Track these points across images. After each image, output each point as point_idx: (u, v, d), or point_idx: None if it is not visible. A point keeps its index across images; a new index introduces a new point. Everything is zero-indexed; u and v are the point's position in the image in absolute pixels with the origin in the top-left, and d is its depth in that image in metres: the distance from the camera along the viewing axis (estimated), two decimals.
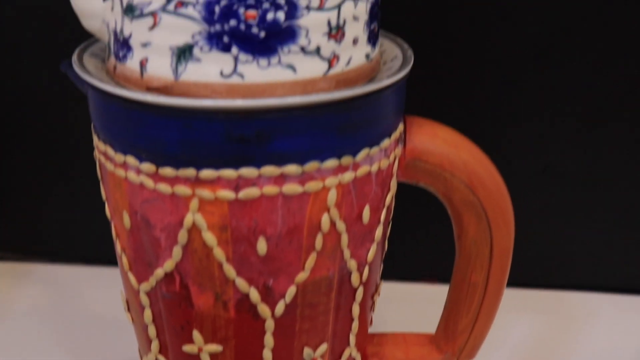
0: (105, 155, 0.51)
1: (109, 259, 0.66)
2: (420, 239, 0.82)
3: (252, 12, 0.46)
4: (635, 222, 0.83)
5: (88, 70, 0.50)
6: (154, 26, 0.47)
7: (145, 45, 0.48)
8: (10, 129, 0.85)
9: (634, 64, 0.77)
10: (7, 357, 0.74)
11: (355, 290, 0.53)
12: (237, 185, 0.48)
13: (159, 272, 0.51)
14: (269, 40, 0.46)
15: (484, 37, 0.79)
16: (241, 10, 0.46)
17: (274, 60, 0.47)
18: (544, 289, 0.85)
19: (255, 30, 0.46)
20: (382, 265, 0.57)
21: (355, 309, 0.54)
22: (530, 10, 0.77)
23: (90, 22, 0.51)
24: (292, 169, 0.48)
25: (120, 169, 0.50)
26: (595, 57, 0.77)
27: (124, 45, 0.49)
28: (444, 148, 0.54)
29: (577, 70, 0.78)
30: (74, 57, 0.52)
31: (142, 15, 0.47)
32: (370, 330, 0.59)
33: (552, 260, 0.85)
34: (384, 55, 0.55)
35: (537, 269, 0.84)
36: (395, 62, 0.53)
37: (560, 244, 0.84)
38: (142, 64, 0.48)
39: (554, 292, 0.84)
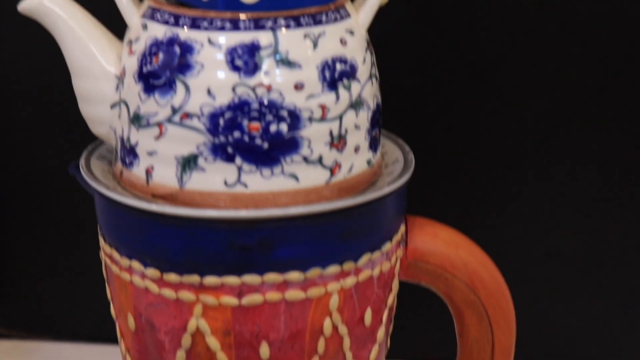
0: (111, 258, 0.51)
1: (112, 337, 0.66)
2: (422, 323, 0.82)
3: (255, 125, 0.46)
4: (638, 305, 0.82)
5: (95, 175, 0.51)
6: (159, 136, 0.48)
7: (151, 154, 0.48)
8: (15, 207, 0.85)
9: (632, 150, 0.77)
10: None
11: None
12: (240, 291, 0.48)
13: None
14: (272, 151, 0.47)
15: (482, 128, 0.79)
16: (245, 123, 0.46)
17: (277, 170, 0.47)
18: None
19: (258, 141, 0.47)
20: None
21: None
22: (527, 98, 0.77)
23: (98, 128, 0.52)
24: (294, 275, 0.48)
25: (125, 273, 0.50)
26: (594, 143, 0.77)
27: (130, 152, 0.49)
28: (444, 249, 0.54)
29: (577, 157, 0.78)
30: (82, 161, 0.53)
31: (148, 125, 0.48)
32: None
33: (555, 342, 0.84)
34: (385, 157, 0.55)
35: (540, 350, 0.84)
36: (396, 165, 0.54)
37: (564, 326, 0.83)
38: (148, 172, 0.49)
39: None
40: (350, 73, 0.49)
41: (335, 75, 0.48)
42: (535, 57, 0.75)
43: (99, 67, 0.51)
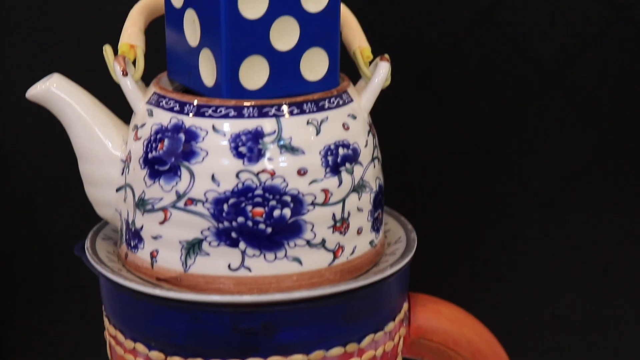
0: (115, 339, 0.51)
1: None
2: None
3: (259, 210, 0.47)
4: None
5: (100, 257, 0.51)
6: (164, 221, 0.48)
7: (155, 238, 0.49)
8: (20, 284, 0.85)
9: (633, 217, 0.78)
10: None
11: None
12: None
13: None
14: (275, 236, 0.47)
15: (484, 200, 0.79)
16: (249, 208, 0.47)
17: (281, 254, 0.48)
18: None
19: (262, 226, 0.47)
20: None
21: None
22: (529, 166, 0.78)
23: (103, 210, 0.52)
24: (297, 358, 0.48)
25: (129, 355, 0.50)
26: (596, 212, 0.78)
27: (135, 235, 0.50)
28: (447, 326, 0.54)
29: (580, 223, 0.78)
30: (87, 242, 0.53)
31: (153, 209, 0.48)
32: None
33: None
34: (388, 235, 0.55)
35: None
36: (399, 244, 0.54)
37: None
38: (153, 255, 0.49)
39: None
40: (353, 157, 0.49)
41: (338, 160, 0.48)
42: (535, 125, 0.76)
43: (105, 152, 0.51)
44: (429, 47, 0.75)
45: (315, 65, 0.50)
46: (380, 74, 0.52)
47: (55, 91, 0.52)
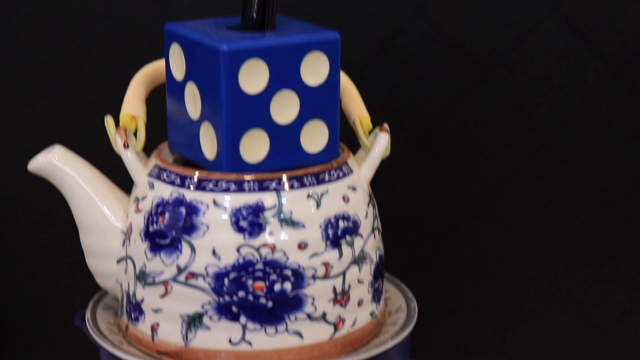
0: None
1: None
2: None
3: (260, 284, 0.47)
4: None
5: (100, 328, 0.51)
6: (165, 294, 0.48)
7: (156, 311, 0.49)
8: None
9: (632, 274, 0.78)
10: None
11: None
12: None
13: None
14: (276, 310, 0.47)
15: (484, 262, 0.79)
16: (249, 282, 0.47)
17: (281, 328, 0.48)
18: None
19: (262, 300, 0.47)
20: None
21: None
22: (528, 226, 0.78)
23: (104, 281, 0.53)
24: None
25: None
26: (593, 271, 0.78)
27: (136, 308, 0.50)
28: None
29: (578, 281, 0.79)
30: (88, 313, 0.53)
31: (154, 283, 0.48)
32: None
33: None
34: (389, 303, 0.55)
35: None
36: (399, 314, 0.54)
37: None
38: (154, 328, 0.49)
39: None
40: (353, 229, 0.49)
41: (339, 232, 0.49)
42: (533, 184, 0.76)
43: (106, 224, 0.52)
44: (428, 107, 0.75)
45: (315, 137, 0.50)
46: (380, 144, 0.52)
47: (57, 163, 0.52)
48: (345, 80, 0.55)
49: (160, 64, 0.54)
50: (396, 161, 0.72)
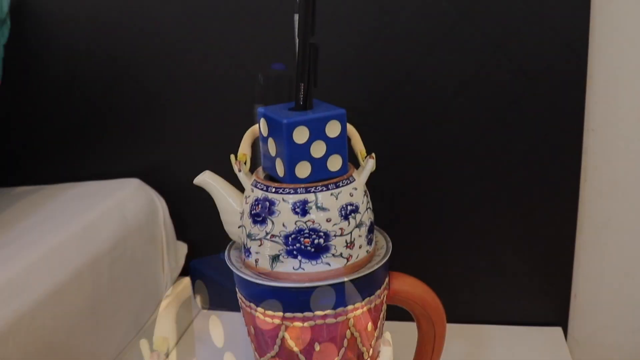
0: (243, 302, 0.53)
1: None
2: None
3: (307, 240, 0.48)
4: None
5: (232, 260, 0.53)
6: (260, 245, 0.50)
7: (257, 252, 0.50)
8: None
9: None
10: None
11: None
12: (303, 320, 0.50)
13: (269, 355, 0.52)
14: (316, 253, 0.49)
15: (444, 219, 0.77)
16: (301, 239, 0.48)
17: (319, 261, 0.49)
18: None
19: (309, 248, 0.48)
20: (380, 345, 0.56)
21: None
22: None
23: (234, 237, 0.54)
24: (329, 311, 0.49)
25: (249, 309, 0.52)
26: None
27: (247, 250, 0.51)
28: (409, 288, 0.55)
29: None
30: (226, 252, 0.54)
31: (255, 239, 0.50)
32: None
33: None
34: (378, 243, 0.55)
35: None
36: (382, 250, 0.53)
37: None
38: (256, 261, 0.51)
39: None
40: (356, 210, 0.50)
41: (347, 212, 0.49)
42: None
43: (233, 209, 0.52)
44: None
45: (334, 163, 0.50)
46: (369, 164, 0.52)
47: (208, 180, 0.53)
48: (351, 129, 0.54)
49: (256, 127, 0.54)
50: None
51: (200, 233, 0.83)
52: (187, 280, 0.84)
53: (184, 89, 0.78)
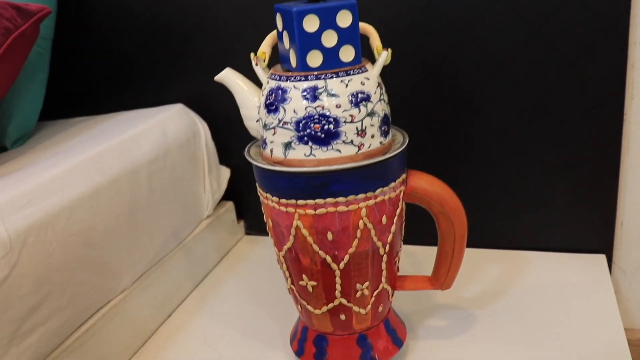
0: (261, 194, 0.55)
1: None
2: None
3: (317, 126, 0.49)
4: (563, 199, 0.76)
5: (252, 155, 0.54)
6: (274, 134, 0.51)
7: (271, 142, 0.52)
8: None
9: None
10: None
11: (382, 256, 0.54)
12: (315, 207, 0.51)
13: (285, 247, 0.54)
14: (326, 139, 0.49)
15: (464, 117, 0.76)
16: (312, 125, 0.49)
17: (329, 147, 0.50)
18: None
19: (319, 134, 0.49)
20: (401, 245, 0.57)
21: (383, 265, 0.55)
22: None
23: (252, 132, 0.56)
24: (341, 199, 0.50)
25: (266, 200, 0.54)
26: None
27: (264, 142, 0.53)
28: (427, 185, 0.55)
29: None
30: (247, 149, 0.56)
31: (270, 128, 0.52)
32: (399, 274, 0.60)
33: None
34: (395, 139, 0.55)
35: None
36: (399, 143, 0.54)
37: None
38: (271, 151, 0.52)
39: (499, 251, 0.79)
40: (367, 98, 0.50)
41: (358, 99, 0.50)
42: None
43: (252, 103, 0.54)
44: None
45: (347, 54, 0.51)
46: (383, 56, 0.52)
47: (228, 75, 0.55)
48: (368, 26, 0.54)
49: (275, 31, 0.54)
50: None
51: (243, 160, 0.86)
52: (230, 204, 0.87)
53: (222, 18, 0.80)
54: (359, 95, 0.50)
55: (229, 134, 0.85)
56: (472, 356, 0.60)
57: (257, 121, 0.54)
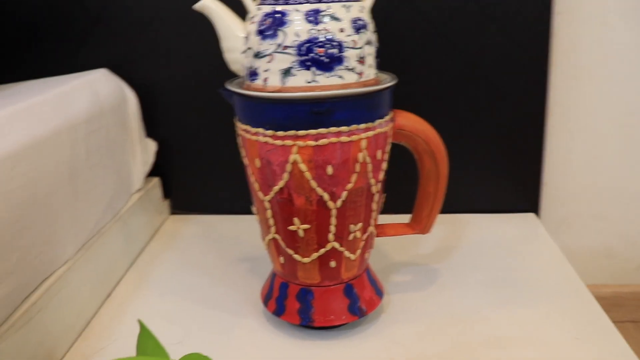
0: (246, 130, 0.51)
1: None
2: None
3: (321, 49, 0.47)
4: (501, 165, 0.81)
5: (235, 89, 0.52)
6: (270, 61, 0.48)
7: (266, 70, 0.49)
8: (180, 130, 0.81)
9: None
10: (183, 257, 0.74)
11: (373, 195, 0.53)
12: (316, 138, 0.48)
13: (276, 188, 0.51)
14: (329, 64, 0.48)
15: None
16: (315, 49, 0.47)
17: (332, 73, 0.48)
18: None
19: (323, 58, 0.47)
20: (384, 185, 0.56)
21: (374, 205, 0.54)
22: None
23: (235, 67, 0.52)
24: (344, 128, 0.49)
25: (254, 136, 0.50)
26: None
27: (253, 73, 0.50)
28: (412, 123, 0.55)
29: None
30: (226, 85, 0.52)
31: (264, 55, 0.49)
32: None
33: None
34: (379, 76, 0.54)
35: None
36: (388, 79, 0.53)
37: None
38: (265, 80, 0.49)
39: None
40: (365, 26, 0.50)
41: (358, 26, 0.49)
42: None
43: (234, 34, 0.51)
44: None
45: None
46: None
47: (208, 4, 0.52)
48: None
49: None
50: None
51: (170, 134, 0.80)
52: (156, 180, 0.81)
53: None
54: (359, 22, 0.49)
55: (155, 107, 0.79)
56: (446, 303, 0.61)
57: (242, 52, 0.51)
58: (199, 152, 0.81)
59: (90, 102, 0.64)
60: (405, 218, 0.61)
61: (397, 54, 0.75)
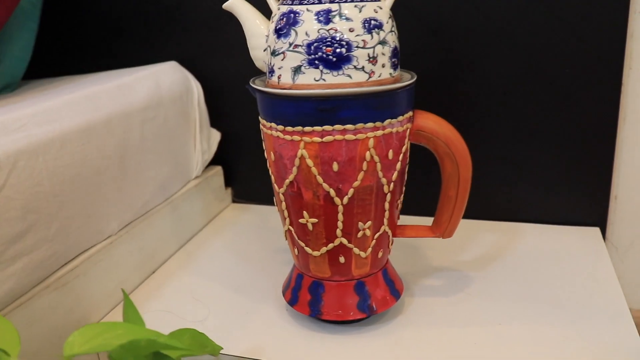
0: (264, 125, 0.54)
1: None
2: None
3: (329, 49, 0.49)
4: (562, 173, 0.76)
5: (257, 85, 0.54)
6: (283, 58, 0.50)
7: (279, 68, 0.51)
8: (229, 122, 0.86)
9: None
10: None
11: (386, 194, 0.53)
12: (322, 134, 0.50)
13: (287, 182, 0.53)
14: (338, 62, 0.49)
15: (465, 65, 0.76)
16: (324, 48, 0.48)
17: (340, 72, 0.49)
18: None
19: (331, 57, 0.49)
20: (403, 187, 0.56)
21: (386, 205, 0.54)
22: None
23: (259, 63, 0.55)
24: (349, 127, 0.49)
25: (269, 130, 0.53)
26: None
27: (271, 70, 0.52)
28: (433, 125, 0.54)
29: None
30: (251, 81, 0.55)
31: (279, 53, 0.51)
32: (399, 223, 0.59)
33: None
34: (404, 77, 0.54)
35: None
36: (407, 80, 0.53)
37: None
38: (279, 77, 0.51)
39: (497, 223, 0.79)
40: (379, 26, 0.50)
41: (371, 26, 0.49)
42: None
43: (259, 32, 0.53)
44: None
45: None
46: None
47: (236, 3, 0.54)
48: None
49: None
50: None
51: (234, 126, 0.85)
52: (219, 168, 0.86)
53: None
54: (372, 21, 0.50)
55: (222, 99, 0.84)
56: (468, 312, 0.60)
57: (264, 50, 0.53)
58: (261, 144, 0.84)
59: (149, 92, 0.70)
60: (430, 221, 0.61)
61: (459, 53, 0.74)
